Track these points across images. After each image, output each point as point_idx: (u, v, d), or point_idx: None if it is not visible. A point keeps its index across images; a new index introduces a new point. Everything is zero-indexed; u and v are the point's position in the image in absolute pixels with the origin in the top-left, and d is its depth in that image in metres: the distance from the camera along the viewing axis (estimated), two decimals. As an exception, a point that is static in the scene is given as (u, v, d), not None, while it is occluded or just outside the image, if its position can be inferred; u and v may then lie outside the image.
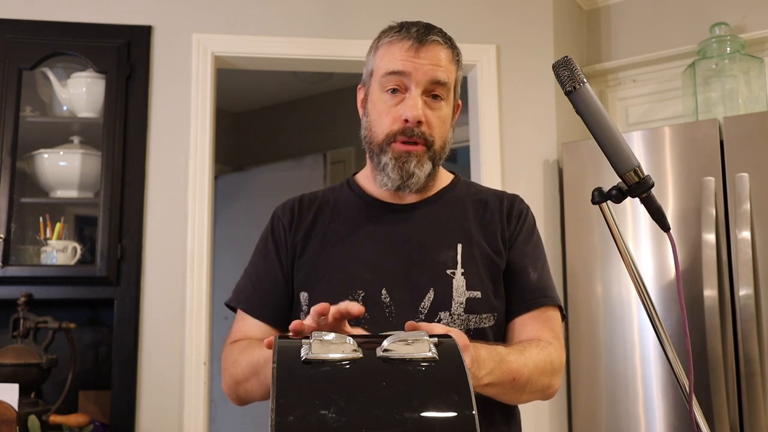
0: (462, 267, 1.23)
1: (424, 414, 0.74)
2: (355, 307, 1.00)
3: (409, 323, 0.95)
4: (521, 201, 1.36)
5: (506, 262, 1.28)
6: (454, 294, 1.21)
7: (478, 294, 1.21)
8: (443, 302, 1.20)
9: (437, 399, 0.75)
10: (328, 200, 1.35)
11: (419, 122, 1.22)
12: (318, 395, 0.74)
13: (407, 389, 0.76)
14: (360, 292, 1.21)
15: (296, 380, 0.75)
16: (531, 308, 1.25)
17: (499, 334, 1.25)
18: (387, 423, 0.72)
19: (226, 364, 1.26)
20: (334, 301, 1.19)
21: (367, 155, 1.31)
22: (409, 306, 1.20)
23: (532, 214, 1.36)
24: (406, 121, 1.21)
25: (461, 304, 1.20)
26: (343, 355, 0.78)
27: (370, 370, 0.77)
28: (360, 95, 1.33)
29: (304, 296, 1.25)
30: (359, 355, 0.78)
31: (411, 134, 1.22)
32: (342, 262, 1.25)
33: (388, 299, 1.21)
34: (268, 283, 1.30)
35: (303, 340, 0.80)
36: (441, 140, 1.26)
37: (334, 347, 0.78)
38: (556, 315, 1.28)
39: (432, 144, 1.24)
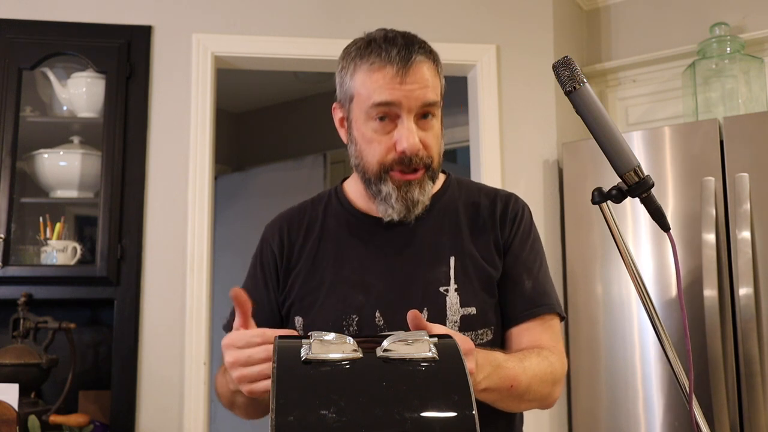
0: (455, 283, 1.20)
1: (424, 414, 0.74)
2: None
3: (412, 312, 0.94)
4: (516, 201, 1.31)
5: (501, 268, 1.25)
6: (448, 312, 1.18)
7: (473, 310, 1.19)
8: (437, 322, 1.14)
9: (437, 399, 0.75)
10: (317, 217, 1.31)
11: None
12: (318, 395, 0.74)
13: (407, 389, 0.76)
14: (354, 316, 1.19)
15: (296, 380, 0.75)
16: (527, 318, 1.23)
17: (498, 346, 1.22)
18: (387, 423, 0.72)
19: (217, 393, 1.25)
20: (329, 327, 1.16)
21: (360, 180, 1.25)
22: (403, 328, 1.18)
23: (528, 212, 1.31)
24: (403, 152, 1.17)
25: (456, 322, 1.18)
26: (343, 355, 0.78)
27: (370, 370, 0.77)
28: (338, 114, 1.27)
29: (299, 321, 1.24)
30: (359, 355, 0.78)
31: (410, 163, 1.17)
32: (334, 285, 1.23)
33: (382, 322, 1.18)
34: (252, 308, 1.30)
35: (303, 340, 0.80)
36: (438, 156, 1.23)
37: (334, 347, 0.78)
38: (554, 323, 1.25)
39: (431, 165, 1.20)
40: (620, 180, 1.00)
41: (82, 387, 2.50)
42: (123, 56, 2.52)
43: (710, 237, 2.21)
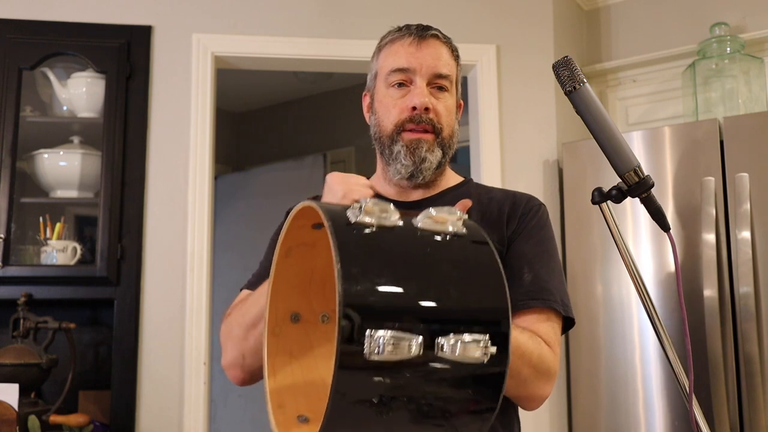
0: None
1: (469, 295, 0.78)
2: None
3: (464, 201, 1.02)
4: (530, 200, 1.31)
5: (504, 260, 1.23)
6: None
7: None
8: None
9: (477, 277, 0.80)
10: None
11: (426, 109, 1.25)
12: (377, 261, 0.74)
13: (453, 267, 0.79)
14: None
15: (353, 246, 0.73)
16: (521, 309, 1.17)
17: None
18: (433, 297, 0.75)
19: (224, 336, 1.23)
20: None
21: (378, 152, 1.33)
22: None
23: (543, 213, 1.30)
24: (414, 108, 1.25)
25: None
26: (393, 222, 0.78)
27: (415, 240, 0.79)
28: (366, 101, 1.37)
29: None
30: (402, 223, 0.78)
31: (419, 121, 1.26)
32: None
33: None
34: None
35: (346, 205, 0.79)
36: (449, 129, 1.29)
37: (384, 215, 0.78)
38: (554, 323, 1.19)
39: (440, 131, 1.28)
40: (620, 180, 1.00)
41: (82, 387, 2.50)
42: (123, 56, 2.52)
43: (710, 237, 2.21)
